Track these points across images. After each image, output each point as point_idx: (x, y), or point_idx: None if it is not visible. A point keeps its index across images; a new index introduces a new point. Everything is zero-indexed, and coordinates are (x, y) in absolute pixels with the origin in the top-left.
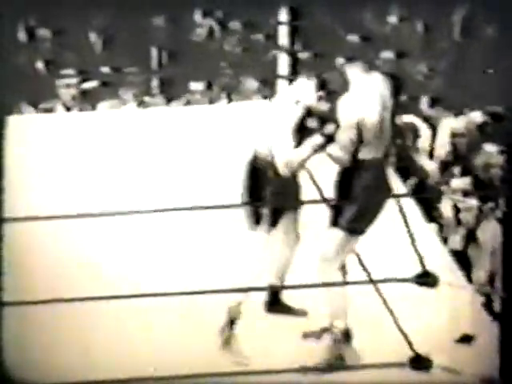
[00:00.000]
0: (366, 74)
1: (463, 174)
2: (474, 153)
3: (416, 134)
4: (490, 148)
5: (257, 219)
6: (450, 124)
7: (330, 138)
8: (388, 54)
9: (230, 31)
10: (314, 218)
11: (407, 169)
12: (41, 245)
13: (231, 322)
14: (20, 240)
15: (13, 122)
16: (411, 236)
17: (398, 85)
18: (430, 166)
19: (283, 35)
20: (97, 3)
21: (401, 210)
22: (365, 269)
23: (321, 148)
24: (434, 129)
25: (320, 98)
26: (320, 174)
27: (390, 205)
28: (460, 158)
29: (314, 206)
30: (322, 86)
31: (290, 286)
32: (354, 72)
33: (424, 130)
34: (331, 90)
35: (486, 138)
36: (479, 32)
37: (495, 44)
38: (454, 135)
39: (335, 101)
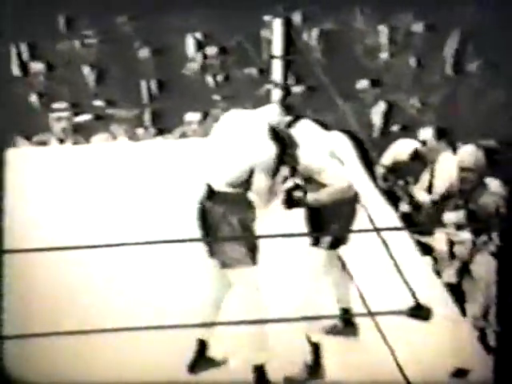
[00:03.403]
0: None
1: (456, 207)
2: (477, 187)
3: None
4: (493, 182)
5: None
6: (452, 158)
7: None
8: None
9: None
10: None
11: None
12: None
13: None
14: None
15: (7, 155)
16: (398, 269)
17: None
18: (424, 199)
19: (276, 69)
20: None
21: (384, 243)
22: (364, 301)
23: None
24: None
25: None
26: None
27: (387, 240)
28: (463, 192)
29: None
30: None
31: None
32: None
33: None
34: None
35: (487, 172)
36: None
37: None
38: (462, 169)
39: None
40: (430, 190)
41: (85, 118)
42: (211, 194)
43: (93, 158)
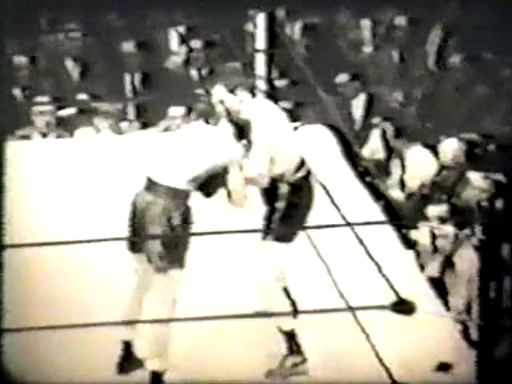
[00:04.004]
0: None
1: (439, 200)
2: (458, 182)
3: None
4: (474, 176)
5: None
6: (424, 153)
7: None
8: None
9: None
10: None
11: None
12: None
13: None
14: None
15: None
16: (377, 264)
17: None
18: (397, 194)
19: (260, 63)
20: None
21: (359, 239)
22: (342, 296)
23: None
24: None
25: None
26: None
27: (370, 234)
28: (444, 188)
29: None
30: None
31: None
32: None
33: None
34: None
35: (469, 166)
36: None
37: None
38: (442, 167)
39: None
40: (402, 184)
41: (68, 111)
42: (153, 186)
43: (76, 152)
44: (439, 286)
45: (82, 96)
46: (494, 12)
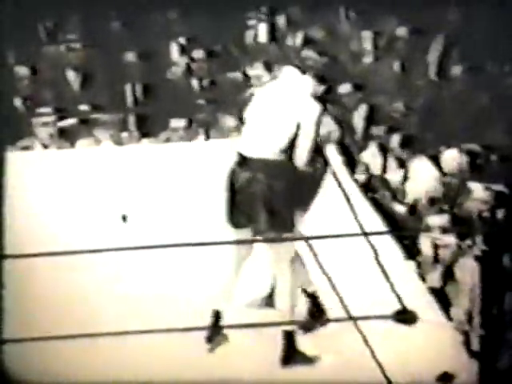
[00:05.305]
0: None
1: (441, 211)
2: (459, 192)
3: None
4: (476, 186)
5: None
6: (426, 164)
7: None
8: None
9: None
10: None
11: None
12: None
13: None
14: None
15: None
16: (385, 274)
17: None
18: (399, 206)
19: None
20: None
21: (373, 248)
22: (344, 306)
23: None
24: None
25: None
26: None
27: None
28: (446, 198)
29: None
30: None
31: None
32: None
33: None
34: None
35: (470, 176)
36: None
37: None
38: (444, 175)
39: None
40: (404, 195)
41: (69, 122)
42: (247, 162)
43: (78, 163)
44: (441, 296)
45: (83, 107)
46: (495, 22)
